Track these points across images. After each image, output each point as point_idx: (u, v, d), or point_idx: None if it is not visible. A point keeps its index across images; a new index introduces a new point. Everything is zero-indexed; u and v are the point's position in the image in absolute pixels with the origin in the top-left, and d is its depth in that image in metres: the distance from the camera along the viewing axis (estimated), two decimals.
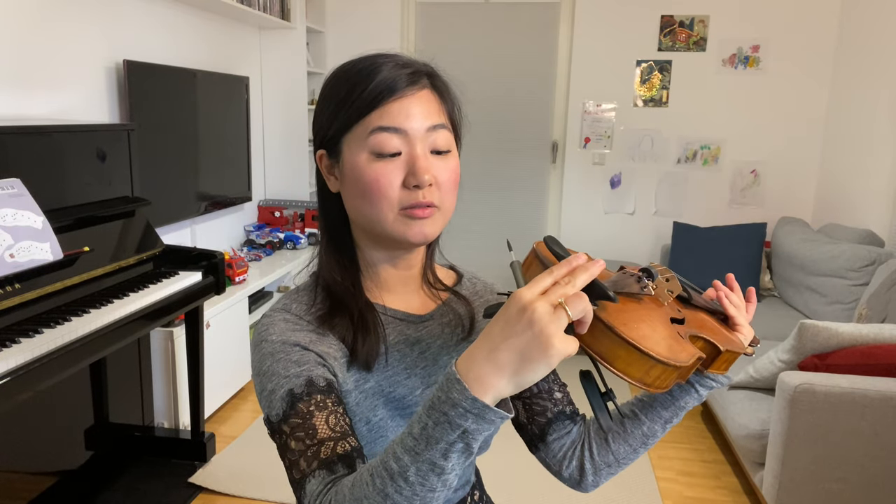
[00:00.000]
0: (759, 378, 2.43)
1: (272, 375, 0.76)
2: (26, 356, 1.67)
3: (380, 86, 0.77)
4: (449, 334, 0.90)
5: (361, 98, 0.78)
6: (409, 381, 0.85)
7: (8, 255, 1.78)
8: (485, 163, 4.47)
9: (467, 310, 0.93)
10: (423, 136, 0.78)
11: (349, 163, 0.80)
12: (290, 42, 4.05)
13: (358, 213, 0.82)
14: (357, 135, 0.79)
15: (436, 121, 0.80)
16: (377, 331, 0.83)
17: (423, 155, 0.78)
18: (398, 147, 0.77)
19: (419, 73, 0.80)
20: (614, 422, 0.92)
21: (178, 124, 3.13)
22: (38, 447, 2.24)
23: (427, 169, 0.77)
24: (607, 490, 2.53)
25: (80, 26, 2.57)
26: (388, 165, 0.77)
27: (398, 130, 0.77)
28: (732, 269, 4.06)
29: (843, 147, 3.87)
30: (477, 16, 4.36)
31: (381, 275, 0.88)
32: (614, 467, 0.92)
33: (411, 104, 0.78)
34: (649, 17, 4.15)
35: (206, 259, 2.55)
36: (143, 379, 2.72)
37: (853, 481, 2.08)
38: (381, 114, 0.77)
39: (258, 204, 4.18)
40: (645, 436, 0.90)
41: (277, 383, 0.75)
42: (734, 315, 0.83)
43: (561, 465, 0.94)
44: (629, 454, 0.91)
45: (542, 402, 0.95)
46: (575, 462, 0.93)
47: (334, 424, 0.72)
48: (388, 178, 0.77)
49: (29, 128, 2.11)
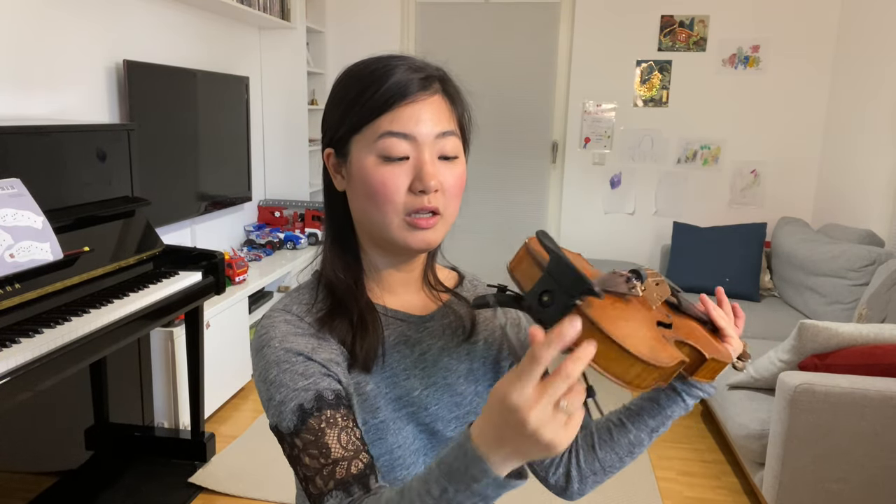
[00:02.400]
0: (759, 378, 2.43)
1: (280, 387, 0.76)
2: (26, 356, 1.67)
3: (391, 89, 0.77)
4: (450, 336, 0.90)
5: (373, 100, 0.77)
6: (408, 381, 0.86)
7: (8, 255, 1.78)
8: (485, 163, 4.47)
9: (468, 311, 0.93)
10: (432, 142, 0.78)
11: (356, 164, 0.80)
12: (290, 42, 4.05)
13: (363, 214, 0.82)
14: (366, 137, 0.78)
15: (445, 127, 0.79)
16: (376, 331, 0.83)
17: (430, 161, 0.78)
18: (406, 152, 0.77)
19: (431, 77, 0.80)
20: (594, 421, 0.92)
21: (178, 124, 3.13)
22: (38, 447, 2.24)
23: (434, 175, 0.77)
24: (607, 490, 2.53)
25: (81, 26, 2.57)
26: (395, 169, 0.77)
27: (407, 136, 0.77)
28: (732, 269, 4.08)
29: (843, 147, 3.87)
30: (477, 16, 4.36)
31: (383, 275, 0.88)
32: (600, 475, 0.92)
33: (422, 110, 0.78)
34: (649, 17, 4.15)
35: (206, 259, 2.55)
36: (143, 379, 2.72)
37: (853, 481, 2.08)
38: (391, 118, 0.77)
39: (258, 204, 4.18)
40: (631, 444, 0.90)
41: (286, 395, 0.75)
42: (723, 326, 0.83)
43: (548, 471, 0.94)
44: (615, 462, 0.91)
45: None
46: (562, 469, 0.93)
47: (346, 443, 0.74)
48: (394, 183, 0.77)
49: (29, 128, 2.11)
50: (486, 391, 0.92)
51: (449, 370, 0.89)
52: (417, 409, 0.86)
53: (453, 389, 0.89)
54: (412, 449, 0.85)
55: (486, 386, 0.92)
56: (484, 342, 0.93)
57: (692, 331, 0.77)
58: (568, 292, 0.61)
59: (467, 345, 0.92)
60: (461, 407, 0.89)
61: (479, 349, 0.93)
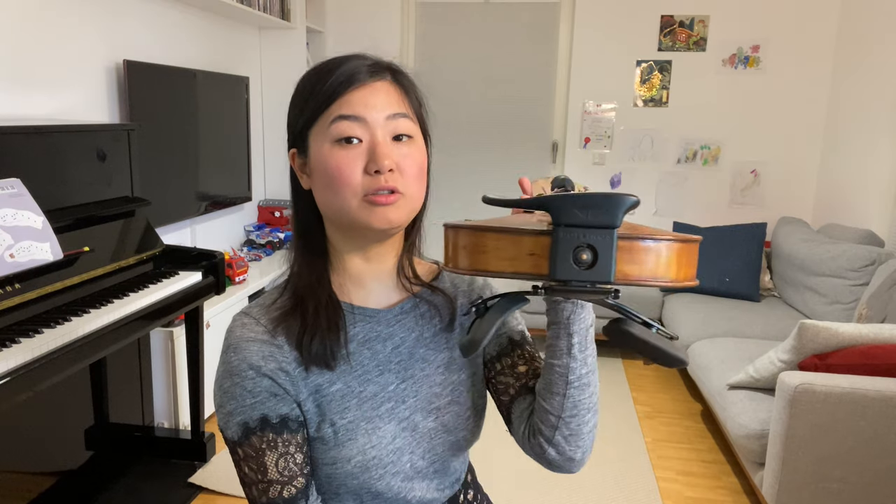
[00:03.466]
0: (759, 378, 2.43)
1: (230, 398, 0.82)
2: (26, 356, 1.67)
3: (340, 76, 0.79)
4: (424, 325, 0.90)
5: (324, 91, 0.80)
6: (382, 377, 0.85)
7: (8, 255, 1.78)
8: (485, 163, 4.47)
9: (445, 300, 0.92)
10: (384, 123, 0.79)
11: (315, 155, 0.81)
12: (290, 42, 4.05)
13: (326, 205, 0.82)
14: (321, 126, 0.80)
15: (396, 109, 0.81)
16: (334, 327, 0.83)
17: (383, 141, 0.79)
18: (359, 134, 0.78)
19: (380, 66, 0.83)
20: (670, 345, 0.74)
21: (178, 124, 3.13)
22: (38, 447, 2.24)
23: (387, 154, 0.78)
24: (607, 490, 2.53)
25: (80, 26, 2.57)
26: (350, 153, 0.78)
27: (358, 118, 0.79)
28: (732, 269, 4.08)
29: (843, 147, 3.87)
30: (477, 16, 4.36)
31: (353, 270, 0.87)
32: (563, 428, 0.82)
33: (371, 93, 0.80)
34: (649, 17, 4.15)
35: (206, 259, 2.55)
36: (143, 379, 2.72)
37: (853, 481, 2.08)
38: (341, 103, 0.79)
39: (258, 204, 4.18)
40: (561, 375, 0.81)
41: (234, 409, 0.81)
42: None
43: (529, 446, 0.88)
44: (562, 403, 0.82)
45: (504, 378, 0.91)
46: (536, 437, 0.86)
47: (283, 468, 0.81)
48: (350, 166, 0.78)
49: (29, 128, 2.11)
50: (468, 379, 0.91)
51: (427, 361, 0.89)
52: (395, 405, 0.85)
53: (431, 380, 0.88)
54: (390, 448, 0.84)
55: (468, 374, 0.91)
56: (463, 328, 0.92)
57: None
58: (608, 224, 0.55)
59: (446, 334, 0.91)
60: (441, 398, 0.88)
61: (459, 337, 0.92)
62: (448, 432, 0.88)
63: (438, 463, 0.89)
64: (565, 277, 0.56)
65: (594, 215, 0.54)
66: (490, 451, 2.70)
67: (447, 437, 0.88)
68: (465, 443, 0.91)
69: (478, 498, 0.99)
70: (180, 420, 2.79)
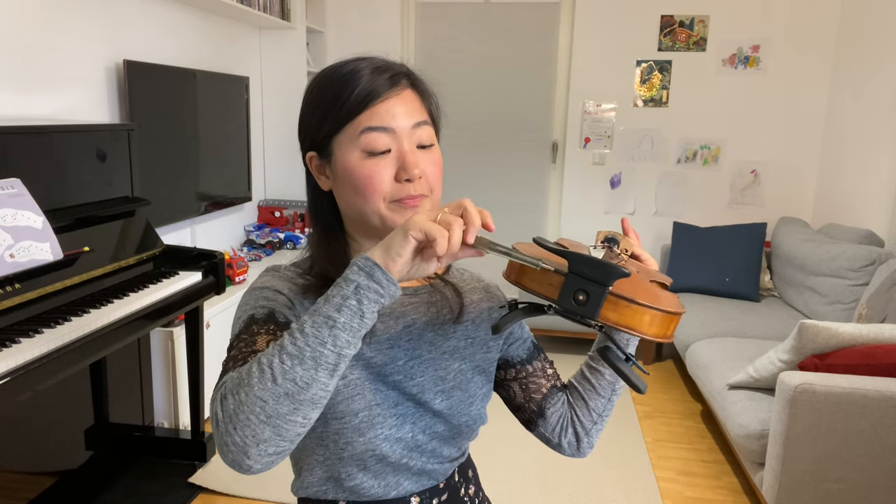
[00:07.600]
0: (759, 378, 2.43)
1: (244, 306, 0.85)
2: (26, 356, 1.67)
3: (366, 89, 0.84)
4: (435, 313, 0.94)
5: (350, 102, 0.84)
6: (391, 351, 0.89)
7: (8, 255, 1.78)
8: (485, 163, 4.47)
9: (454, 294, 0.97)
10: (409, 132, 0.85)
11: (341, 162, 0.86)
12: (290, 42, 4.05)
13: (352, 208, 0.87)
14: (348, 136, 0.85)
15: (419, 118, 0.86)
16: None
17: (410, 150, 0.84)
18: (387, 145, 0.84)
19: (399, 74, 0.87)
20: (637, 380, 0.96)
21: (178, 124, 3.13)
22: (38, 447, 2.24)
23: (416, 164, 0.84)
24: (607, 490, 2.54)
25: (81, 26, 2.57)
26: (380, 162, 0.84)
27: (386, 129, 0.84)
28: (732, 269, 4.09)
29: (843, 147, 3.87)
30: (477, 16, 4.36)
31: None
32: (599, 422, 1.00)
33: (396, 104, 0.85)
34: (649, 17, 4.15)
35: (206, 259, 2.55)
36: (143, 379, 2.72)
37: (853, 481, 2.08)
38: (369, 115, 0.84)
39: (258, 204, 4.18)
40: (610, 383, 0.98)
41: (245, 311, 0.84)
42: (639, 253, 0.94)
43: (560, 436, 1.00)
44: (606, 405, 0.99)
45: (537, 379, 1.01)
46: (570, 429, 1.00)
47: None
48: (380, 175, 0.84)
49: (29, 128, 2.11)
50: (470, 370, 0.95)
51: (434, 345, 0.92)
52: (403, 379, 0.89)
53: (437, 364, 0.92)
54: (394, 412, 0.87)
55: (471, 365, 0.95)
56: (472, 323, 0.97)
57: (640, 268, 0.90)
58: (602, 283, 0.71)
59: (454, 325, 0.95)
60: (446, 381, 0.92)
61: (466, 329, 0.96)
62: (451, 415, 0.92)
63: (437, 441, 0.92)
64: (564, 307, 0.73)
65: (594, 274, 0.71)
66: (490, 452, 2.70)
67: (449, 419, 0.92)
68: (465, 429, 0.94)
69: (479, 495, 1.02)
70: (180, 420, 2.79)
